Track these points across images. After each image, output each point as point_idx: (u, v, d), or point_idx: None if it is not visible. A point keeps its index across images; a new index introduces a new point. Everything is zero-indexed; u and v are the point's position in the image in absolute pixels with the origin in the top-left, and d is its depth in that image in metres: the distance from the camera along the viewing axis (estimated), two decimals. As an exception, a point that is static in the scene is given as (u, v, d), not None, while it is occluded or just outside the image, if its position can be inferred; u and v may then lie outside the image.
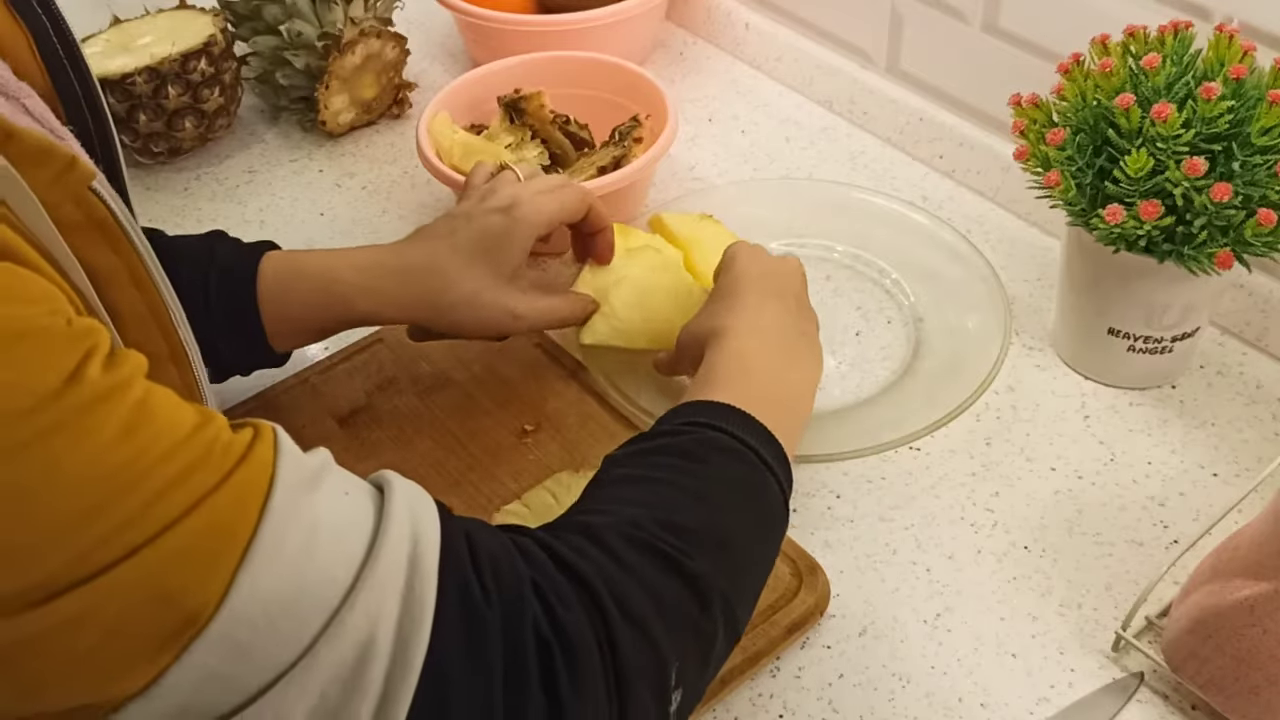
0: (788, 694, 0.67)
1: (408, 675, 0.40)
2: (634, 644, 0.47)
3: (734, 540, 0.55)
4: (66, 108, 0.53)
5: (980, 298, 0.86)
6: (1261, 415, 0.81)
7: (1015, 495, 0.77)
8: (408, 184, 1.08)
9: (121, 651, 0.37)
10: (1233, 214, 0.70)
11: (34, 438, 0.35)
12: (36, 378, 0.35)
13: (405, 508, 0.44)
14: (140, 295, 0.47)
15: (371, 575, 0.41)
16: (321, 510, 0.41)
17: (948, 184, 1.04)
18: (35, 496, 0.35)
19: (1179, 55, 0.74)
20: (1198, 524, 0.73)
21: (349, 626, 0.40)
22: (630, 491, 0.55)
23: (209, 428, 0.40)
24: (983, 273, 0.88)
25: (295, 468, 0.41)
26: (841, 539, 0.75)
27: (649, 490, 0.55)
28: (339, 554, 0.41)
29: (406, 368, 0.85)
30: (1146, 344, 0.80)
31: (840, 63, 1.11)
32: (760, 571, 0.59)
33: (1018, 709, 0.65)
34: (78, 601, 0.35)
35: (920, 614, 0.70)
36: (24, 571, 0.35)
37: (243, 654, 0.38)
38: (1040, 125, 0.77)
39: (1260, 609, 0.59)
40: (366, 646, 0.40)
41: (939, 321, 0.88)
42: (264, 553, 0.39)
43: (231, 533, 0.38)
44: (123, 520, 0.36)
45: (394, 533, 0.43)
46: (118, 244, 0.45)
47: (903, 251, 0.93)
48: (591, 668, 0.45)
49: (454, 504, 0.75)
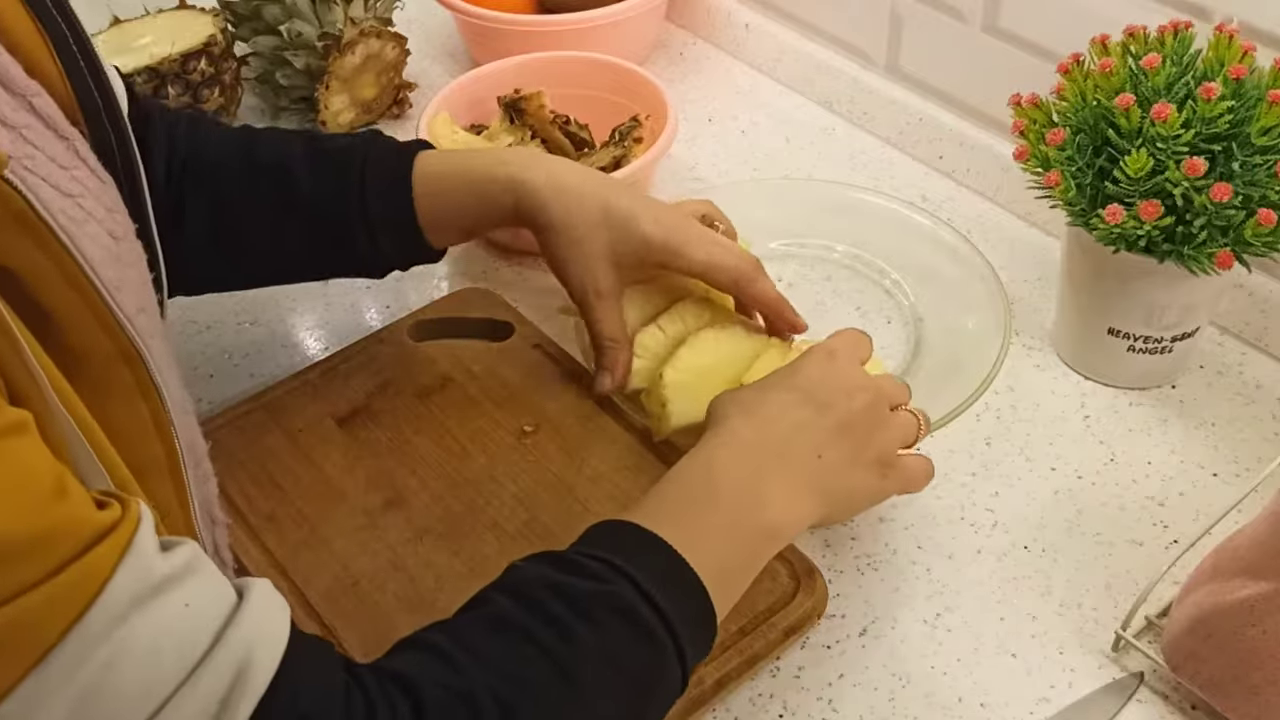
0: (788, 694, 0.67)
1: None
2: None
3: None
4: (85, 114, 0.52)
5: (980, 298, 0.86)
6: (1261, 415, 0.81)
7: (1015, 495, 0.77)
8: (408, 184, 1.08)
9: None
10: (1233, 214, 0.70)
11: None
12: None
13: (240, 642, 0.42)
14: (77, 294, 0.45)
15: (175, 712, 0.39)
16: (143, 631, 0.39)
17: (948, 184, 1.04)
18: None
19: (1179, 55, 0.74)
20: (1198, 524, 0.73)
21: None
22: (495, 645, 0.51)
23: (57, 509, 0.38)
24: (982, 272, 0.88)
25: (135, 577, 0.39)
26: (841, 539, 0.75)
27: (514, 650, 0.51)
28: (145, 681, 0.39)
29: (406, 368, 0.85)
30: (1146, 344, 0.80)
31: (840, 63, 1.11)
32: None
33: (1018, 709, 0.65)
34: None
35: (920, 614, 0.70)
36: None
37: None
38: (1040, 125, 0.77)
39: (1260, 609, 0.59)
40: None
41: (939, 322, 0.88)
42: (60, 667, 0.37)
43: (36, 636, 0.37)
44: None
45: (219, 660, 0.41)
46: (42, 240, 0.43)
47: (902, 252, 0.93)
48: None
49: (453, 504, 0.75)
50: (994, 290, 0.86)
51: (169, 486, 0.52)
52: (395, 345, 0.87)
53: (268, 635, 0.44)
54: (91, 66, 0.54)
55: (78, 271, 0.45)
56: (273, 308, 0.96)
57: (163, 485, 0.52)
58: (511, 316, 0.89)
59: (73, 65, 0.52)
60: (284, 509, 0.76)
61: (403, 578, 0.71)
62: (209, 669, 0.41)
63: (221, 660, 0.41)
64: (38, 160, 0.45)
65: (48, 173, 0.45)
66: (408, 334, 0.88)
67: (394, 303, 0.95)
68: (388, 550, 0.73)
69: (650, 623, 0.53)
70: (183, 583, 0.41)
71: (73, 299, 0.45)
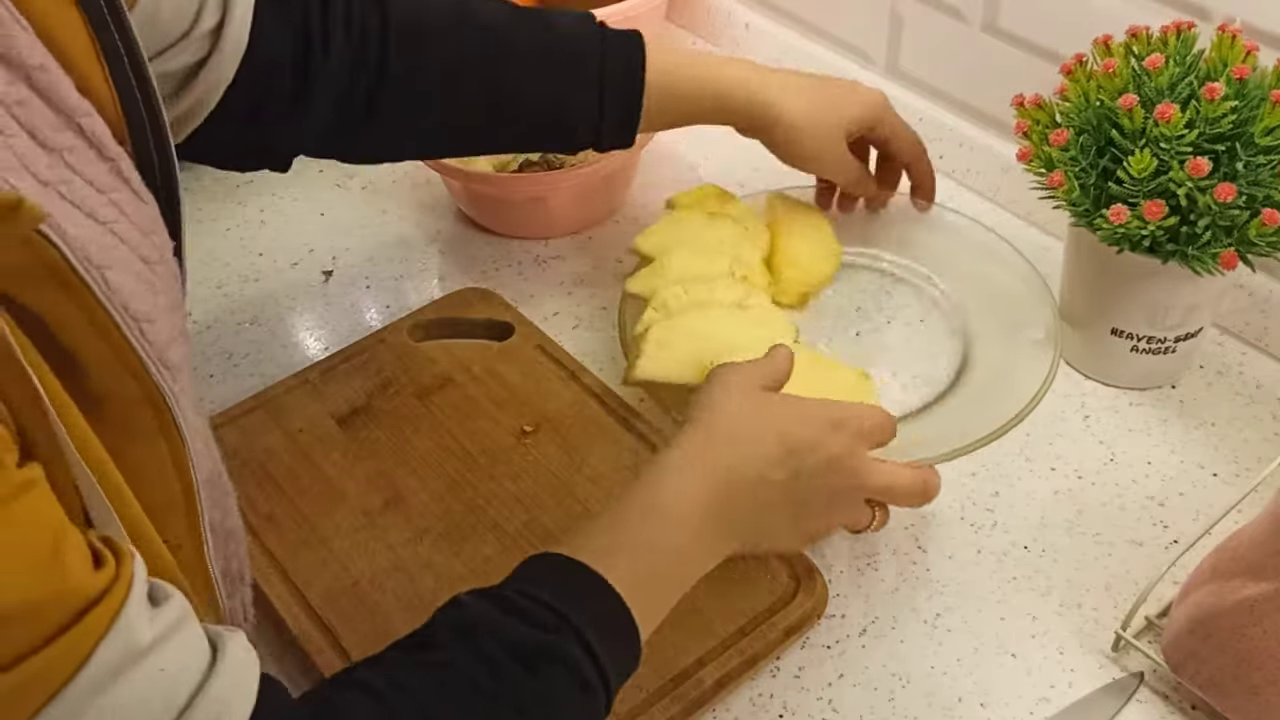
0: (788, 694, 0.67)
1: None
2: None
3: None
4: (132, 133, 0.52)
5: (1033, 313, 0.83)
6: (1261, 415, 0.81)
7: (1015, 495, 0.77)
8: (408, 184, 1.08)
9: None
10: (1236, 214, 0.70)
11: None
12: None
13: (215, 700, 0.43)
14: (104, 343, 0.45)
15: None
16: (122, 698, 0.40)
17: (948, 184, 1.03)
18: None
19: (1182, 56, 0.74)
20: (1198, 524, 0.73)
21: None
22: (431, 691, 0.51)
23: (51, 578, 0.39)
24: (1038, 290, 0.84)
25: (119, 650, 0.40)
26: (841, 538, 0.75)
27: (448, 697, 0.51)
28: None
29: (406, 368, 0.85)
30: (1149, 344, 0.80)
31: (840, 63, 1.11)
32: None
33: (1018, 709, 0.65)
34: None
35: (920, 614, 0.70)
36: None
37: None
38: (1043, 126, 0.77)
39: (1260, 609, 0.59)
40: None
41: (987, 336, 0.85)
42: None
43: (18, 706, 0.38)
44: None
45: (196, 717, 0.42)
46: (72, 289, 0.43)
47: (951, 261, 0.91)
48: None
49: (453, 504, 0.75)
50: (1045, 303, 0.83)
51: (183, 523, 0.52)
52: (395, 345, 0.87)
53: (242, 689, 0.45)
54: (144, 87, 0.54)
55: (107, 321, 0.45)
56: (273, 307, 0.96)
57: (177, 522, 0.52)
58: (511, 316, 0.89)
59: (124, 85, 0.52)
60: (284, 509, 0.75)
61: (402, 578, 0.71)
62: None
63: (199, 716, 0.42)
64: (74, 186, 0.45)
65: (83, 198, 0.45)
66: (408, 334, 0.88)
67: (394, 303, 0.95)
68: (387, 550, 0.73)
69: (590, 676, 0.53)
70: (164, 646, 0.42)
71: (100, 347, 0.45)
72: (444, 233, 1.02)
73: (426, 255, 1.00)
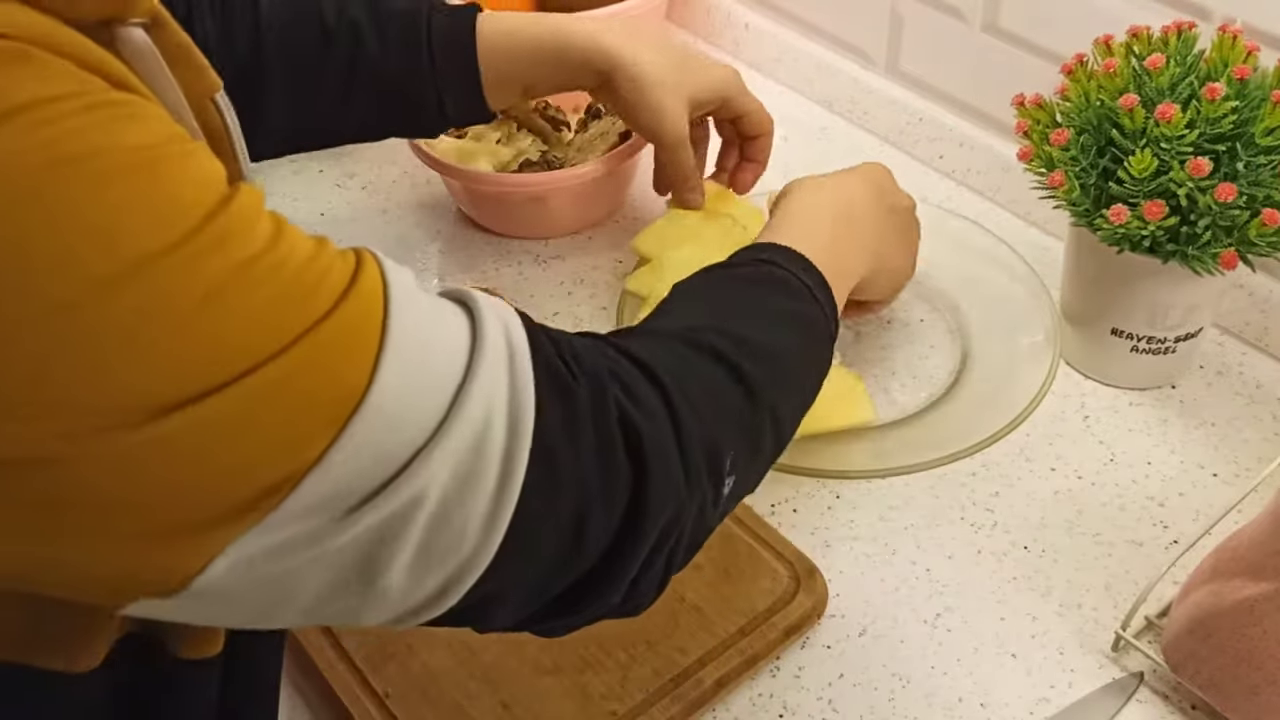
0: (788, 694, 0.67)
1: (522, 441, 0.43)
2: (695, 426, 0.50)
3: (783, 357, 0.58)
4: None
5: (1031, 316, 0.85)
6: (1261, 415, 0.81)
7: (1015, 495, 0.77)
8: (408, 184, 1.08)
9: (297, 426, 0.38)
10: (1237, 214, 0.70)
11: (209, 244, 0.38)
12: (211, 191, 0.39)
13: (489, 306, 0.46)
14: None
15: (481, 356, 0.43)
16: (426, 304, 0.44)
17: (948, 184, 1.04)
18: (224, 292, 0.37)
19: (1182, 56, 0.74)
20: (1197, 524, 0.73)
21: (474, 395, 0.42)
22: (692, 306, 0.60)
23: (327, 241, 0.43)
24: (1036, 291, 0.86)
25: (397, 270, 0.44)
26: (841, 538, 0.75)
27: (710, 306, 0.59)
28: (451, 337, 0.44)
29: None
30: (1149, 344, 0.80)
31: (840, 63, 1.11)
32: (805, 395, 0.61)
33: (1018, 709, 0.65)
34: (265, 378, 0.38)
35: (920, 614, 0.70)
36: (229, 361, 0.37)
37: (392, 426, 0.40)
38: (1044, 126, 0.77)
39: (1260, 609, 0.59)
40: (490, 412, 0.43)
41: (987, 338, 0.86)
42: (397, 334, 0.41)
43: (371, 318, 0.41)
44: (294, 315, 0.39)
45: (490, 323, 0.45)
46: (227, 161, 0.46)
47: (956, 266, 0.91)
48: (664, 439, 0.49)
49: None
50: (1044, 306, 0.85)
51: None
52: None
53: (500, 305, 0.48)
54: None
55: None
56: (272, 306, 0.95)
57: None
58: (511, 315, 0.89)
59: None
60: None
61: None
62: (486, 326, 0.44)
63: (490, 323, 0.45)
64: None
65: None
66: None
67: (393, 301, 0.95)
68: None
69: (805, 294, 0.62)
70: (419, 283, 0.46)
71: None
72: (444, 233, 1.02)
73: (426, 255, 1.00)
